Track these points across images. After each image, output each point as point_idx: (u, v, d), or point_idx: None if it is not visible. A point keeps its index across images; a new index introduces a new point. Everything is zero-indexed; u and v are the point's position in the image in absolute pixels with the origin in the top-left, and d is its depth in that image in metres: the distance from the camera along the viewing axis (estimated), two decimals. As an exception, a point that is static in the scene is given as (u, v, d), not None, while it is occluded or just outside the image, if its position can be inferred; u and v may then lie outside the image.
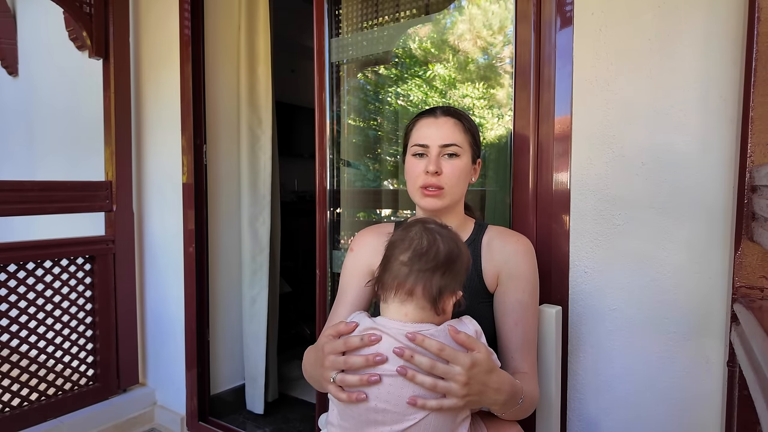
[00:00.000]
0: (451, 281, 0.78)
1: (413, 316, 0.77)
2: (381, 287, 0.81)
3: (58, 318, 1.93)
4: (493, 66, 1.59)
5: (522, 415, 0.89)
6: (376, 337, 0.74)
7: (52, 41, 2.68)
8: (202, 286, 2.04)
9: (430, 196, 0.98)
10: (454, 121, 1.00)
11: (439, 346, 0.71)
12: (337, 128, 1.72)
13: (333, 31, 1.69)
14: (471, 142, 1.02)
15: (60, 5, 1.94)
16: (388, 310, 0.79)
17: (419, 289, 0.76)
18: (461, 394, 0.71)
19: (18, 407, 1.81)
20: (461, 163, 0.99)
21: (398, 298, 0.77)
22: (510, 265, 0.98)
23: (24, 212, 1.84)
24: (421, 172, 0.98)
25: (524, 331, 0.95)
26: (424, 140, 0.99)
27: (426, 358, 0.71)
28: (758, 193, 0.86)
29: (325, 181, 1.64)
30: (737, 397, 0.90)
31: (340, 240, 1.75)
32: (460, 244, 0.82)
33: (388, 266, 0.80)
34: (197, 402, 2.02)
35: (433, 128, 1.00)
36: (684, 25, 1.03)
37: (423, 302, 0.77)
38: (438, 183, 0.97)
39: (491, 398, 0.76)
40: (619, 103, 1.10)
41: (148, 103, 2.17)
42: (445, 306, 0.78)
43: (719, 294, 1.01)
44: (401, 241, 0.80)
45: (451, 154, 0.98)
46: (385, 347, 0.74)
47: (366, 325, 0.78)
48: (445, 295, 0.77)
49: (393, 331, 0.75)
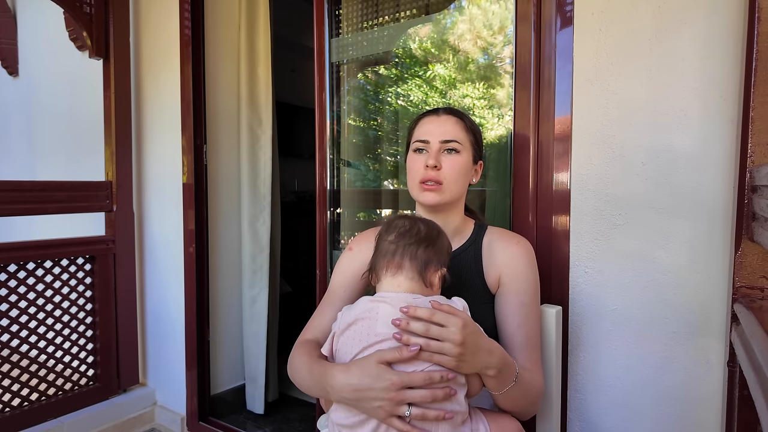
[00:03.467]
0: (434, 255, 0.86)
1: (405, 286, 0.85)
2: (374, 270, 0.89)
3: (58, 318, 1.93)
4: (493, 66, 1.59)
5: (523, 406, 0.90)
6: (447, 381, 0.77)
7: (52, 41, 2.68)
8: (202, 286, 2.04)
9: (428, 190, 0.98)
10: (455, 119, 1.02)
11: (430, 312, 0.76)
12: (337, 128, 1.72)
13: (333, 31, 1.69)
14: (472, 141, 1.02)
15: (60, 5, 1.94)
16: (382, 285, 0.87)
17: (407, 261, 0.85)
18: (456, 353, 0.75)
19: (18, 407, 1.81)
20: (461, 160, 0.99)
21: (390, 272, 0.86)
22: (511, 266, 0.98)
23: (24, 212, 1.84)
24: (420, 167, 0.99)
25: (527, 332, 0.95)
26: (425, 136, 1.01)
27: (420, 323, 0.76)
28: (758, 193, 0.86)
29: (325, 181, 1.64)
30: (737, 397, 0.90)
31: (340, 240, 1.75)
32: (439, 229, 0.91)
33: (377, 250, 0.89)
34: (197, 402, 2.03)
35: (435, 124, 1.01)
36: (684, 25, 1.03)
37: (412, 273, 0.85)
38: (437, 177, 0.97)
39: (484, 360, 0.79)
40: (619, 103, 1.10)
41: (148, 103, 2.17)
42: (431, 279, 0.86)
43: (719, 294, 1.01)
44: (386, 228, 0.90)
45: (451, 149, 0.99)
46: (383, 314, 0.81)
47: (365, 302, 0.85)
48: (430, 268, 0.85)
49: (390, 299, 0.82)
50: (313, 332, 0.99)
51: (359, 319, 0.83)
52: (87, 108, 2.47)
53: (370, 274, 0.90)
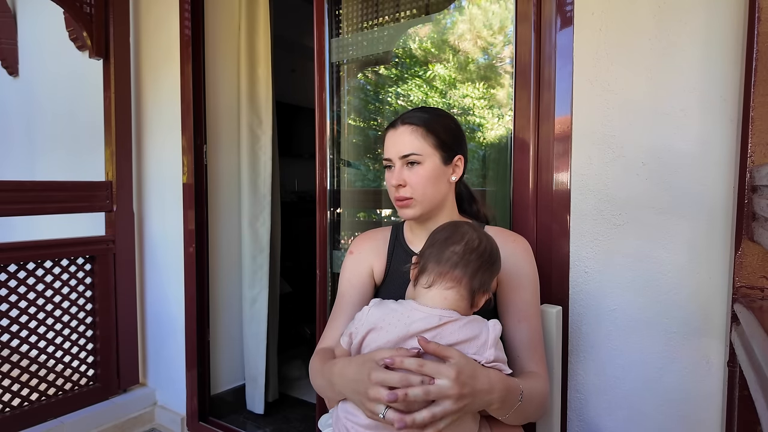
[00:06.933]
0: (489, 279, 0.84)
1: (452, 303, 0.81)
2: (424, 271, 0.84)
3: (58, 318, 1.93)
4: (493, 66, 1.58)
5: (530, 416, 0.88)
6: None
7: (52, 41, 2.68)
8: (202, 286, 2.04)
9: (402, 207, 0.99)
10: (411, 128, 0.97)
11: (419, 363, 0.72)
12: (337, 128, 1.71)
13: (333, 31, 1.69)
14: (436, 143, 0.97)
15: (60, 5, 1.94)
16: (428, 293, 0.82)
17: (466, 279, 0.81)
18: (455, 409, 0.72)
19: (18, 407, 1.81)
20: (424, 170, 0.96)
21: (445, 284, 0.81)
22: (509, 264, 0.98)
23: (24, 212, 1.84)
24: (391, 186, 1.00)
25: (528, 328, 0.95)
26: (387, 153, 1.00)
27: (418, 390, 0.71)
28: (758, 193, 0.86)
29: (325, 181, 1.64)
30: (738, 397, 0.90)
31: (340, 240, 1.75)
32: (499, 253, 0.88)
33: (438, 254, 0.83)
34: (197, 402, 2.03)
35: (392, 140, 0.99)
36: (684, 25, 1.03)
37: (464, 292, 0.82)
38: (404, 194, 0.97)
39: (481, 400, 0.75)
40: (619, 103, 1.10)
41: (148, 103, 2.17)
42: (479, 301, 0.84)
43: (719, 294, 1.01)
44: (453, 234, 0.85)
45: (412, 162, 0.97)
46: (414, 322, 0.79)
47: (393, 307, 0.84)
48: (482, 290, 0.83)
49: (415, 320, 0.80)
50: (328, 342, 1.01)
51: (383, 327, 0.81)
52: (87, 108, 2.47)
53: (419, 272, 0.85)
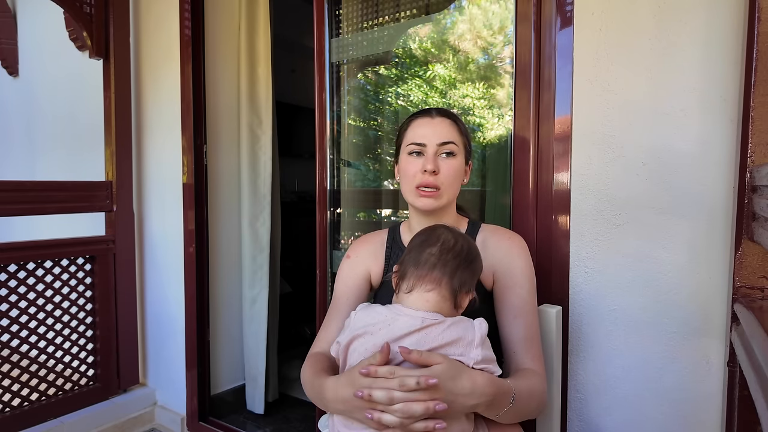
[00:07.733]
0: (470, 278, 0.84)
1: (434, 305, 0.81)
2: (404, 276, 0.83)
3: (58, 318, 1.93)
4: (493, 66, 1.58)
5: (526, 414, 0.88)
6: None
7: (52, 41, 2.68)
8: (202, 286, 2.04)
9: (426, 196, 0.97)
10: (450, 122, 1.01)
11: (390, 371, 0.72)
12: (337, 128, 1.72)
13: (333, 31, 1.69)
14: (465, 143, 1.03)
15: (60, 5, 1.94)
16: (409, 297, 0.82)
17: (445, 279, 0.81)
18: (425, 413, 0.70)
19: (18, 407, 1.81)
20: (457, 163, 0.99)
21: (424, 286, 0.81)
22: (505, 262, 0.98)
23: (24, 212, 1.84)
24: (417, 171, 0.97)
25: (524, 325, 0.95)
26: (421, 139, 0.98)
27: (382, 392, 0.71)
28: (758, 193, 0.86)
29: (325, 181, 1.64)
30: (738, 397, 0.90)
31: (340, 240, 1.75)
32: (478, 250, 0.88)
33: (414, 257, 0.84)
34: (197, 402, 2.02)
35: (430, 127, 0.99)
36: (684, 25, 1.03)
37: (445, 292, 0.81)
38: (435, 183, 0.96)
39: (462, 404, 0.74)
40: (619, 103, 1.10)
41: (148, 103, 2.17)
42: (462, 301, 0.83)
43: (720, 294, 1.01)
44: (429, 237, 0.85)
45: (449, 153, 0.98)
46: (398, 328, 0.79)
47: (379, 310, 0.83)
48: (464, 290, 0.83)
49: (399, 323, 0.79)
50: (321, 345, 1.00)
51: (367, 332, 0.80)
52: (87, 108, 2.47)
53: (399, 279, 0.85)
